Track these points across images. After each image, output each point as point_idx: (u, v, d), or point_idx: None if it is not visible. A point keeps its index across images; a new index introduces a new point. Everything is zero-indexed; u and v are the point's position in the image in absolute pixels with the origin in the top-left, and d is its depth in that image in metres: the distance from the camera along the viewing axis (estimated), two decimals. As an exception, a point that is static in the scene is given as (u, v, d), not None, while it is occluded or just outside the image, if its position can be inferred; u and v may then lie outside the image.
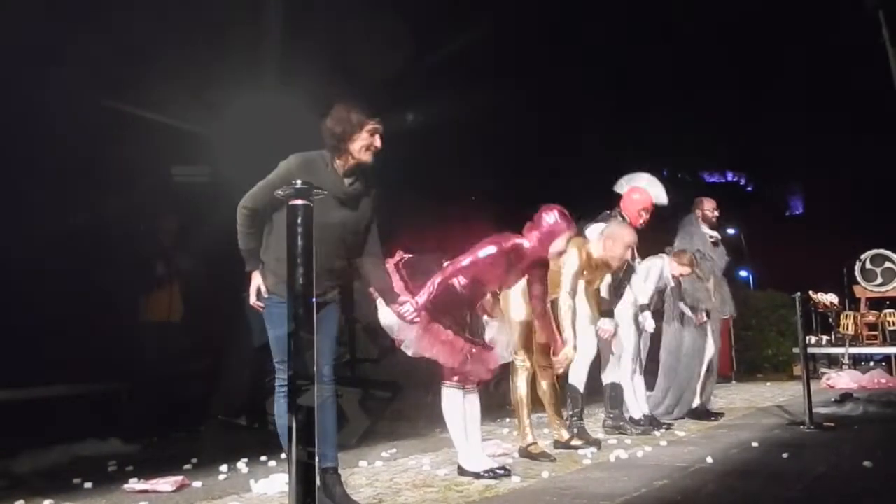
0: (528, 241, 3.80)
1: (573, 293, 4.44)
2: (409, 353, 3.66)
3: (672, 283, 5.82)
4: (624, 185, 5.26)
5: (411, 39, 8.23)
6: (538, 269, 3.94)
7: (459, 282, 3.67)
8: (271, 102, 5.81)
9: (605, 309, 4.92)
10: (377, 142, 3.08)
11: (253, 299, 3.07)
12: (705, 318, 5.99)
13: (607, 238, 4.67)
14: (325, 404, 3.06)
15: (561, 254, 3.95)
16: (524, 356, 4.45)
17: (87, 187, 5.32)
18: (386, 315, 3.50)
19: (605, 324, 4.90)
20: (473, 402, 3.85)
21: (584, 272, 4.59)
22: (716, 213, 6.29)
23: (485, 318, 3.96)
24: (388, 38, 7.99)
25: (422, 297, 3.44)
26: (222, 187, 5.76)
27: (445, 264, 3.66)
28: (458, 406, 3.79)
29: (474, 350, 3.67)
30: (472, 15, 9.34)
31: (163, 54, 5.47)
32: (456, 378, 3.77)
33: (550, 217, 3.82)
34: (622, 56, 13.67)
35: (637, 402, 5.54)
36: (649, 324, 5.52)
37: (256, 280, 3.07)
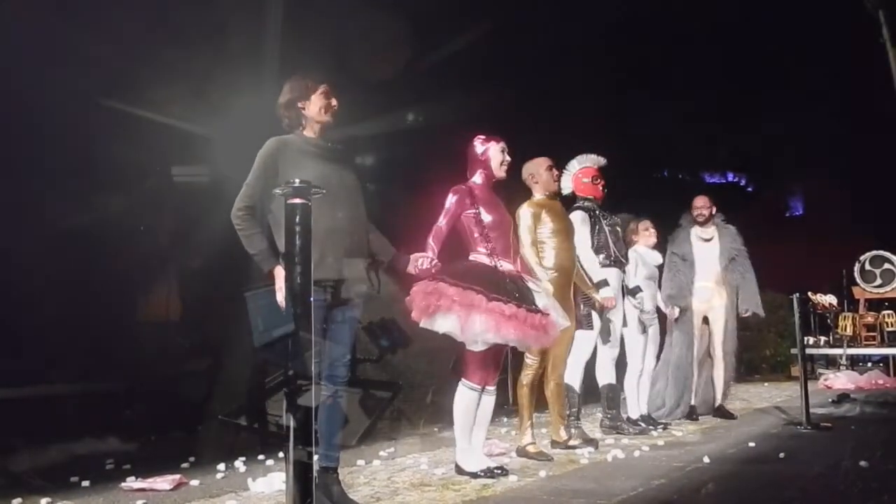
0: (474, 178, 3.97)
1: (534, 245, 4.48)
2: (479, 349, 3.65)
3: (656, 262, 5.84)
4: (570, 183, 5.28)
5: (412, 39, 8.24)
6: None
7: (478, 248, 3.79)
8: (272, 103, 5.82)
9: (598, 281, 4.88)
10: (333, 102, 3.21)
11: (282, 296, 2.92)
12: (676, 314, 5.99)
13: (530, 175, 4.70)
14: (336, 404, 3.07)
15: (502, 161, 4.01)
16: (535, 354, 4.45)
17: (87, 187, 5.32)
18: (444, 323, 3.50)
19: (607, 292, 4.87)
20: (489, 402, 3.87)
21: (543, 223, 4.57)
22: (702, 212, 6.29)
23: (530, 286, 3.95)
24: (390, 37, 8.00)
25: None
26: (222, 187, 5.77)
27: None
28: (471, 406, 3.80)
29: (537, 319, 3.66)
30: (470, 15, 9.36)
31: (163, 54, 5.48)
32: (476, 378, 3.78)
33: (476, 146, 4.00)
34: (621, 56, 13.68)
35: (637, 403, 5.56)
36: (647, 304, 5.60)
37: (283, 276, 2.88)
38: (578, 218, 5.00)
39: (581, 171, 5.25)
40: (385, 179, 7.92)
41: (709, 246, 6.26)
